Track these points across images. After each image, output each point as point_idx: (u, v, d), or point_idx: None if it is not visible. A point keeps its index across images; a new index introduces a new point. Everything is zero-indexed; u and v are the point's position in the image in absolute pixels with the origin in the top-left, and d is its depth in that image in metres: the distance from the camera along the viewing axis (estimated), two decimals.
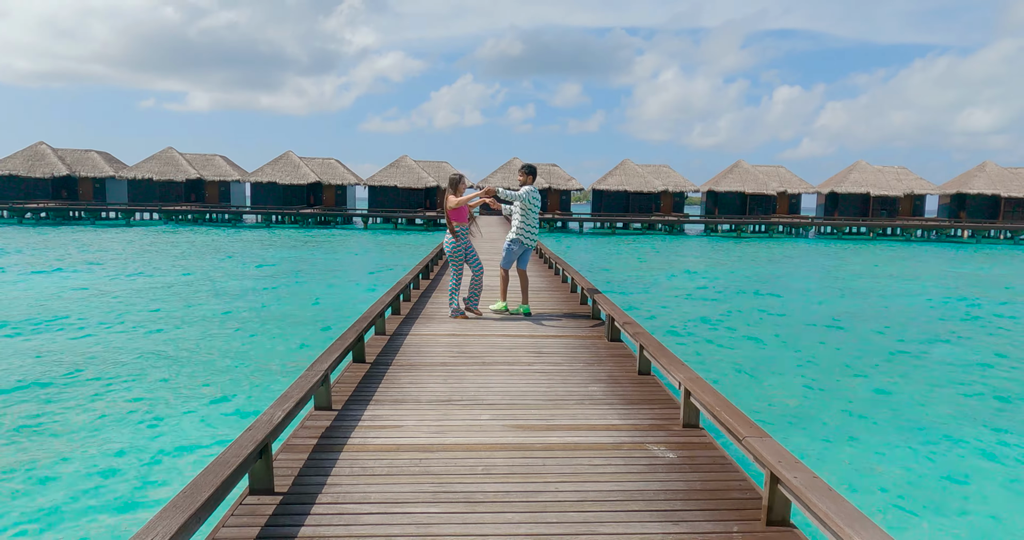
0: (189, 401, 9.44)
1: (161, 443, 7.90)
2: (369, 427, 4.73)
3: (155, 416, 8.80)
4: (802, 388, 10.77)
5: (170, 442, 7.95)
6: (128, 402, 9.34)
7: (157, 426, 8.46)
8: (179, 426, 8.48)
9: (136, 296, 18.41)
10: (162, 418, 8.74)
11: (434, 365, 6.46)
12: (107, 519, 6.11)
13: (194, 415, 8.89)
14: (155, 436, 8.12)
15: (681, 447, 4.41)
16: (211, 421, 8.68)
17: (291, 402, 4.11)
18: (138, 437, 8.08)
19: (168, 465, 7.30)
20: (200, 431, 8.33)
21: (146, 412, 8.95)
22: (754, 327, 15.82)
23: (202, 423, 8.61)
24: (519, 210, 8.95)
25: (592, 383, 5.91)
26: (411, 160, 57.66)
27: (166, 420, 8.67)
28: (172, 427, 8.44)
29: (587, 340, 7.70)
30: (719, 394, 4.35)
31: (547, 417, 4.98)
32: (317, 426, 4.73)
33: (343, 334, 6.08)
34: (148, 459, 7.44)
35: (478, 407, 5.19)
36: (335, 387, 5.68)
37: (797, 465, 3.21)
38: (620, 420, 4.93)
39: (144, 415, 8.84)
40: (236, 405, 9.34)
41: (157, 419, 8.70)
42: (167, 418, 8.74)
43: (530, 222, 8.93)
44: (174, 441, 7.98)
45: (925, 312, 18.62)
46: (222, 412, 9.04)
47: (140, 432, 8.25)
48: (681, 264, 30.44)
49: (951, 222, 53.72)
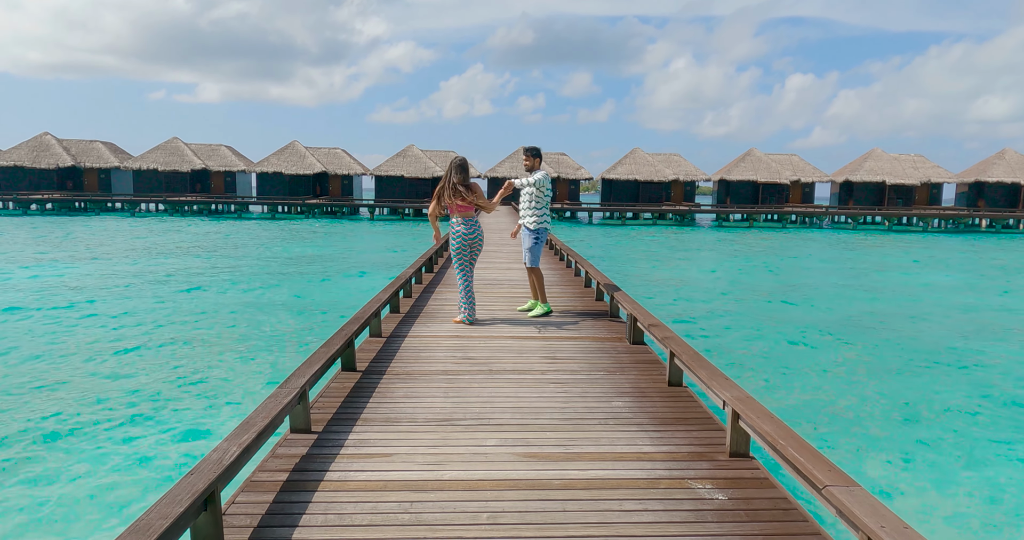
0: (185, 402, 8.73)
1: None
2: (353, 456, 3.95)
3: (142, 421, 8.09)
4: (848, 395, 9.94)
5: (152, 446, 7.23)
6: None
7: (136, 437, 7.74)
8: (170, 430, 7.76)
9: (107, 291, 17.72)
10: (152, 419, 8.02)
11: (434, 374, 5.67)
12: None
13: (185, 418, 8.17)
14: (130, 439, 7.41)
15: (731, 484, 3.61)
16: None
17: (252, 432, 3.34)
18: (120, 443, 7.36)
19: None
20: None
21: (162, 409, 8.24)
22: (781, 325, 14.98)
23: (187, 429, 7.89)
24: (534, 197, 7.95)
25: (616, 397, 5.11)
26: (418, 149, 56.79)
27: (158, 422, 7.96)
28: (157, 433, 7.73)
29: (606, 343, 6.90)
30: (779, 421, 3.53)
31: (565, 442, 4.18)
32: (291, 454, 3.96)
33: (329, 340, 5.29)
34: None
35: (483, 428, 4.40)
36: (318, 402, 4.90)
37: (907, 533, 2.40)
38: (653, 447, 4.13)
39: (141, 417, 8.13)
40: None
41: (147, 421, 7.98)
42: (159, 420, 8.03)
43: (545, 209, 8.03)
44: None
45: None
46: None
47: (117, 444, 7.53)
48: (693, 255, 29.54)
49: (970, 211, 52.45)
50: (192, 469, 2.91)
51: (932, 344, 13.02)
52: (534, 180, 7.85)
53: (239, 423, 3.49)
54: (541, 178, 7.84)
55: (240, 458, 3.15)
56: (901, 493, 6.65)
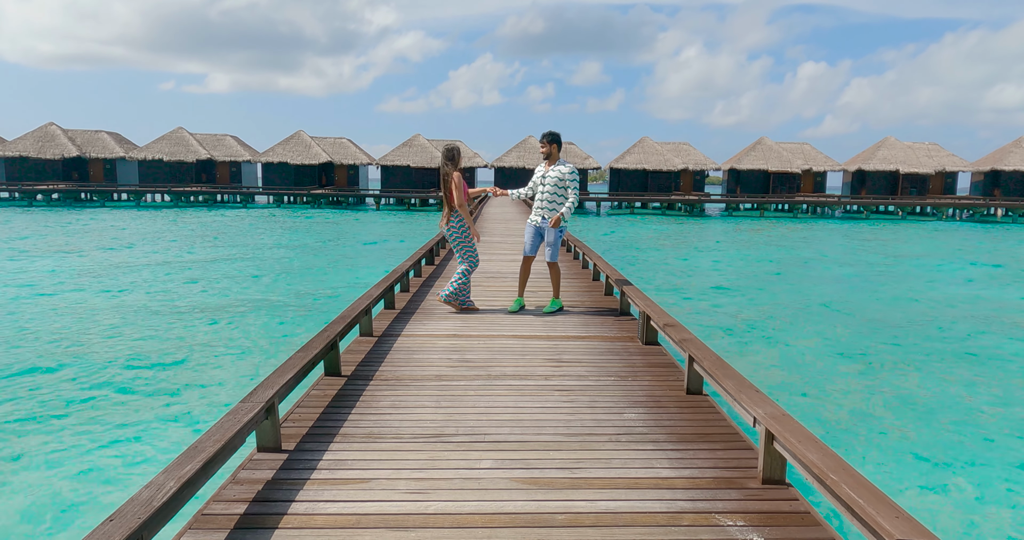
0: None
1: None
2: (326, 481, 3.41)
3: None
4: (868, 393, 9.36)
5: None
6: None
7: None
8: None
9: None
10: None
11: (426, 379, 5.13)
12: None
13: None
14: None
15: (767, 521, 3.05)
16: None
17: (197, 461, 2.80)
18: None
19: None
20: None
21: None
22: (799, 320, 14.39)
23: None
24: (571, 189, 7.25)
25: (628, 407, 4.56)
26: (424, 139, 56.17)
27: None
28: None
29: (616, 342, 6.34)
30: (826, 447, 2.97)
31: (571, 464, 3.64)
32: (254, 479, 3.43)
33: (308, 342, 4.75)
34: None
35: (478, 446, 3.86)
36: (295, 413, 4.38)
37: None
38: (672, 470, 3.58)
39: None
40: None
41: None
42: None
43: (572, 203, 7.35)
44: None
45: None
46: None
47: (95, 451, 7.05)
48: (703, 246, 28.90)
49: (985, 200, 51.43)
50: (114, 513, 2.38)
51: (989, 347, 12.26)
52: (572, 182, 7.24)
53: (186, 448, 2.96)
54: (574, 177, 7.26)
55: (180, 494, 2.62)
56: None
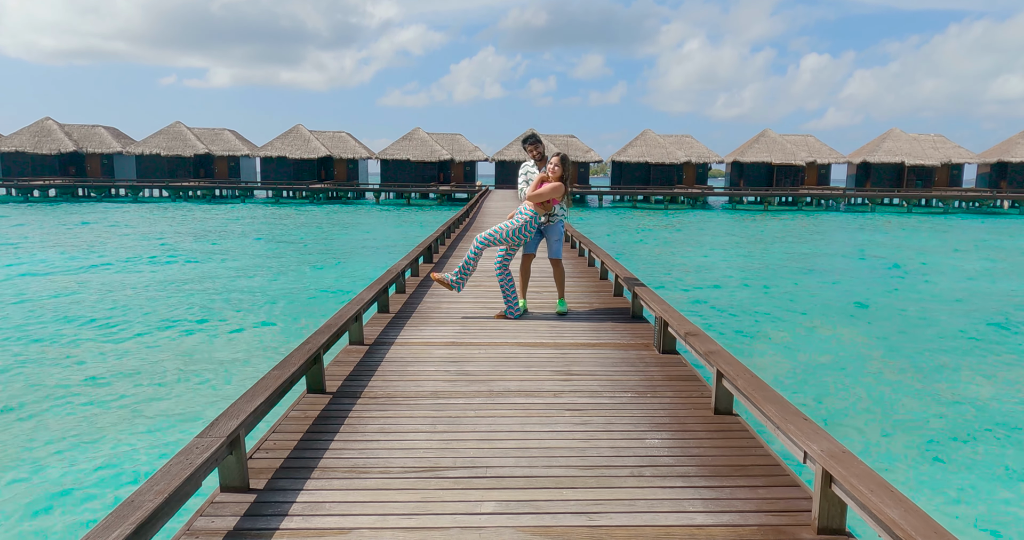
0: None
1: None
2: (298, 532, 2.86)
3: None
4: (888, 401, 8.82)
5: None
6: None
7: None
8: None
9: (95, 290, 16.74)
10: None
11: (421, 397, 4.58)
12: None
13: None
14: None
15: None
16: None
17: (130, 523, 2.26)
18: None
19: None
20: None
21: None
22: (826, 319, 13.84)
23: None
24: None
25: (650, 430, 4.01)
26: (424, 132, 55.53)
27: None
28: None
29: (631, 351, 5.79)
30: (907, 500, 2.42)
31: (588, 506, 3.08)
32: (211, 529, 2.88)
33: (286, 358, 4.19)
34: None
35: (478, 483, 3.30)
36: (268, 441, 3.83)
37: None
38: (708, 515, 3.02)
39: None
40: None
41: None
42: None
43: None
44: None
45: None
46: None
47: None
48: (708, 241, 28.33)
49: (992, 192, 50.77)
50: None
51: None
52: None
53: (117, 505, 2.41)
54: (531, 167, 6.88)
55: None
56: None
